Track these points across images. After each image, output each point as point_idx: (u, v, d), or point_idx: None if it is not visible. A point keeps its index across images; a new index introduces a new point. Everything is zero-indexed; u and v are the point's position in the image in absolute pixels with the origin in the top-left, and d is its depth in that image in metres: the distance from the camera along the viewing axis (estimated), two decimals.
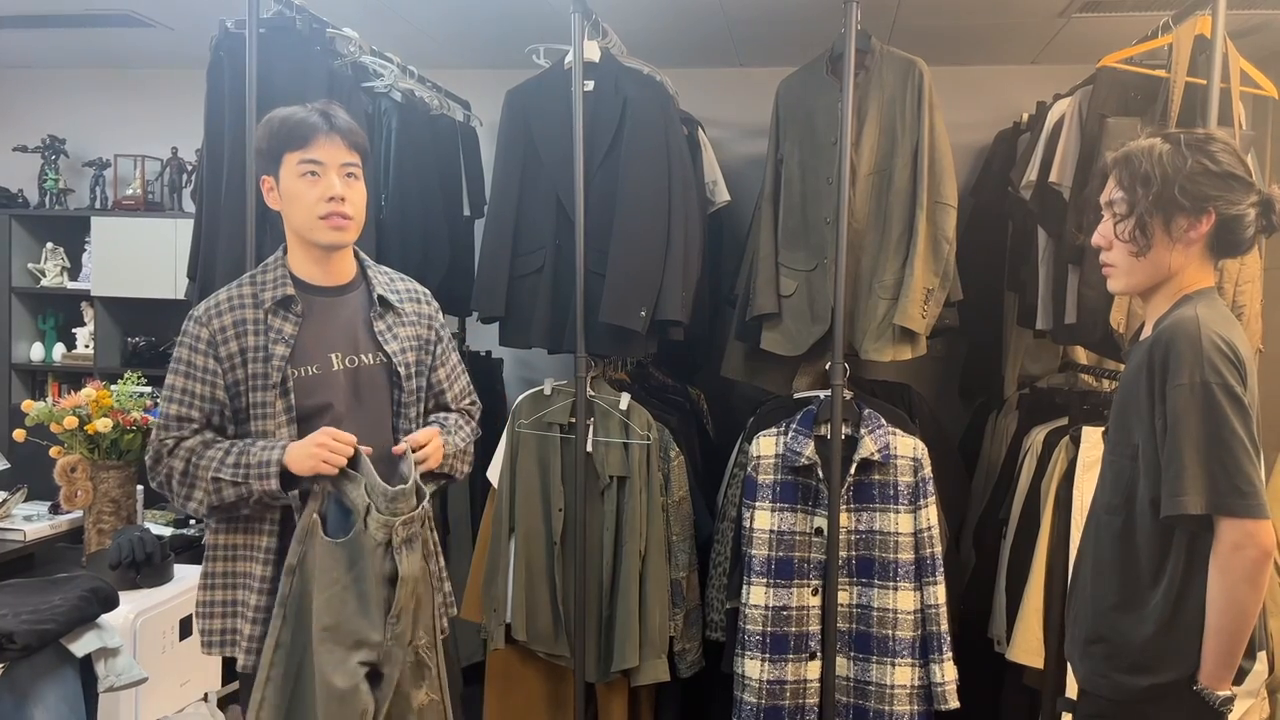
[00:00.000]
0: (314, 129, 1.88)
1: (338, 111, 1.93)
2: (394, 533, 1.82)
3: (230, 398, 1.90)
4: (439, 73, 3.64)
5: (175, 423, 1.89)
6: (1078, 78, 2.93)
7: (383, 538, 1.81)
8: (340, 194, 1.89)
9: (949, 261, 2.79)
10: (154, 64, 4.43)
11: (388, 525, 1.81)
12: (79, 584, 2.20)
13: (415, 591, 1.88)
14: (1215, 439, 1.60)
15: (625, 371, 3.22)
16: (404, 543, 1.83)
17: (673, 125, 2.98)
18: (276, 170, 1.90)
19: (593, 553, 2.90)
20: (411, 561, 1.85)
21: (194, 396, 1.89)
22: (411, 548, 1.85)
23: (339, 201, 1.88)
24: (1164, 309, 1.76)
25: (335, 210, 1.88)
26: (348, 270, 2.00)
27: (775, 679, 2.73)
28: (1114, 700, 1.75)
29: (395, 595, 1.82)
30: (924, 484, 2.72)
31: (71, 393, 2.87)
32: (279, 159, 1.89)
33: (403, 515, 1.83)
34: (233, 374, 1.89)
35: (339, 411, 1.91)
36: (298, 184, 1.88)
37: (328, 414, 1.90)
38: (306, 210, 1.89)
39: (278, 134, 1.88)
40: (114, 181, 4.51)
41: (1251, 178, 1.72)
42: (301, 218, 1.90)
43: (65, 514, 3.07)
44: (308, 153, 1.87)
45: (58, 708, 2.04)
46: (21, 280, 4.55)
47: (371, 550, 1.80)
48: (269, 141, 1.89)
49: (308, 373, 1.90)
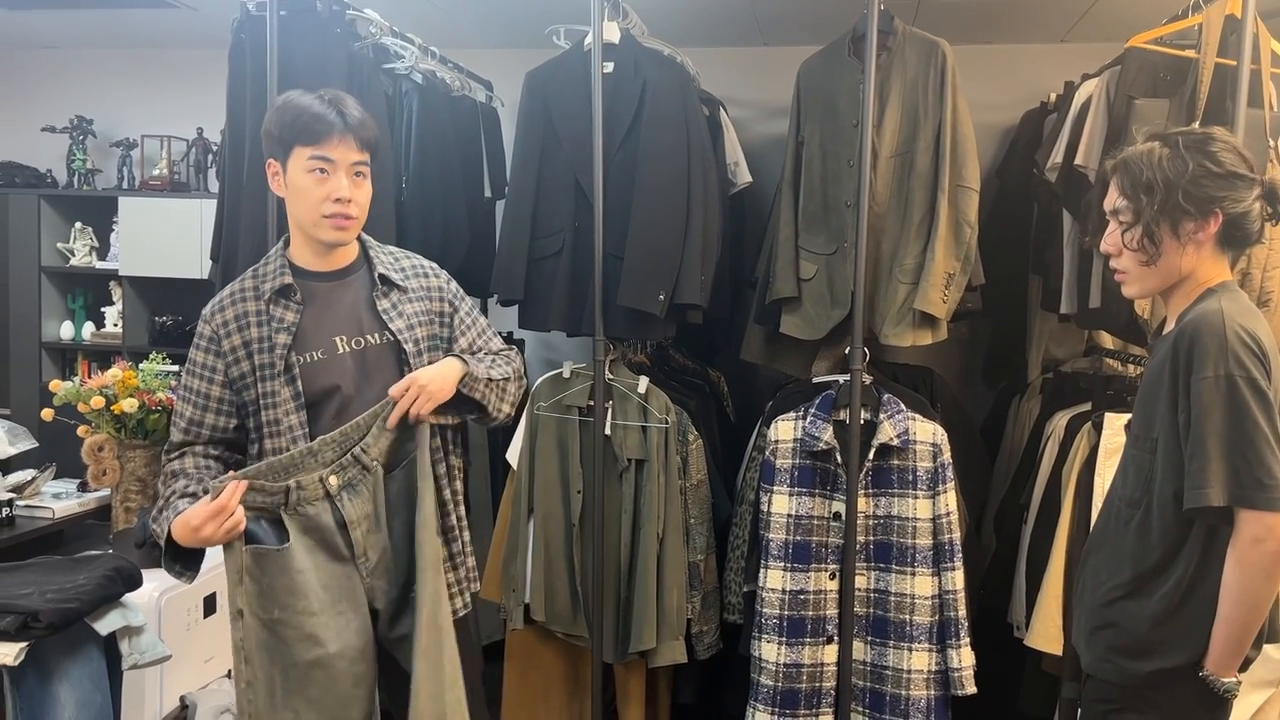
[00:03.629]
0: (329, 127, 1.87)
1: (351, 106, 1.92)
2: (326, 484, 1.85)
3: (238, 391, 1.92)
4: (461, 53, 3.64)
5: (181, 421, 1.95)
6: (1106, 57, 2.87)
7: (320, 493, 1.85)
8: (347, 195, 1.89)
9: (971, 246, 2.76)
10: (179, 45, 4.45)
11: (319, 480, 1.85)
12: (103, 563, 2.24)
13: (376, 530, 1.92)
14: (1238, 431, 1.60)
15: (645, 354, 3.21)
16: (343, 489, 1.87)
17: (693, 107, 2.96)
18: (285, 159, 1.90)
19: (611, 535, 2.91)
20: (357, 505, 1.89)
21: (195, 393, 1.94)
22: (354, 491, 1.89)
23: (345, 203, 1.89)
24: (1185, 305, 1.75)
25: (340, 211, 1.89)
26: (349, 254, 2.01)
27: (792, 662, 2.74)
28: (1120, 685, 1.76)
29: (352, 537, 1.88)
30: (943, 469, 2.71)
31: (100, 371, 2.91)
32: (289, 149, 1.88)
33: (330, 466, 1.86)
34: (238, 367, 1.91)
35: (347, 394, 1.93)
36: (305, 179, 1.88)
37: (336, 397, 1.92)
38: (312, 207, 1.89)
39: (291, 125, 1.87)
40: (141, 162, 4.55)
41: (1253, 171, 1.70)
42: (306, 213, 1.91)
43: (93, 492, 3.12)
44: (320, 150, 1.87)
45: (82, 685, 2.08)
46: (51, 260, 4.61)
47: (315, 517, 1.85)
48: (281, 129, 1.88)
49: (312, 358, 1.92)
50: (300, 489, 1.84)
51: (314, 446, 1.86)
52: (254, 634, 1.82)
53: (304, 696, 1.85)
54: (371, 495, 1.91)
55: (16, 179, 4.56)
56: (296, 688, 1.84)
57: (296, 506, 1.84)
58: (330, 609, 1.86)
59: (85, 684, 2.09)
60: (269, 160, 1.93)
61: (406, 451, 1.95)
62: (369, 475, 1.90)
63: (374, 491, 1.92)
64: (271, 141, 1.91)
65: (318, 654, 1.84)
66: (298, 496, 1.84)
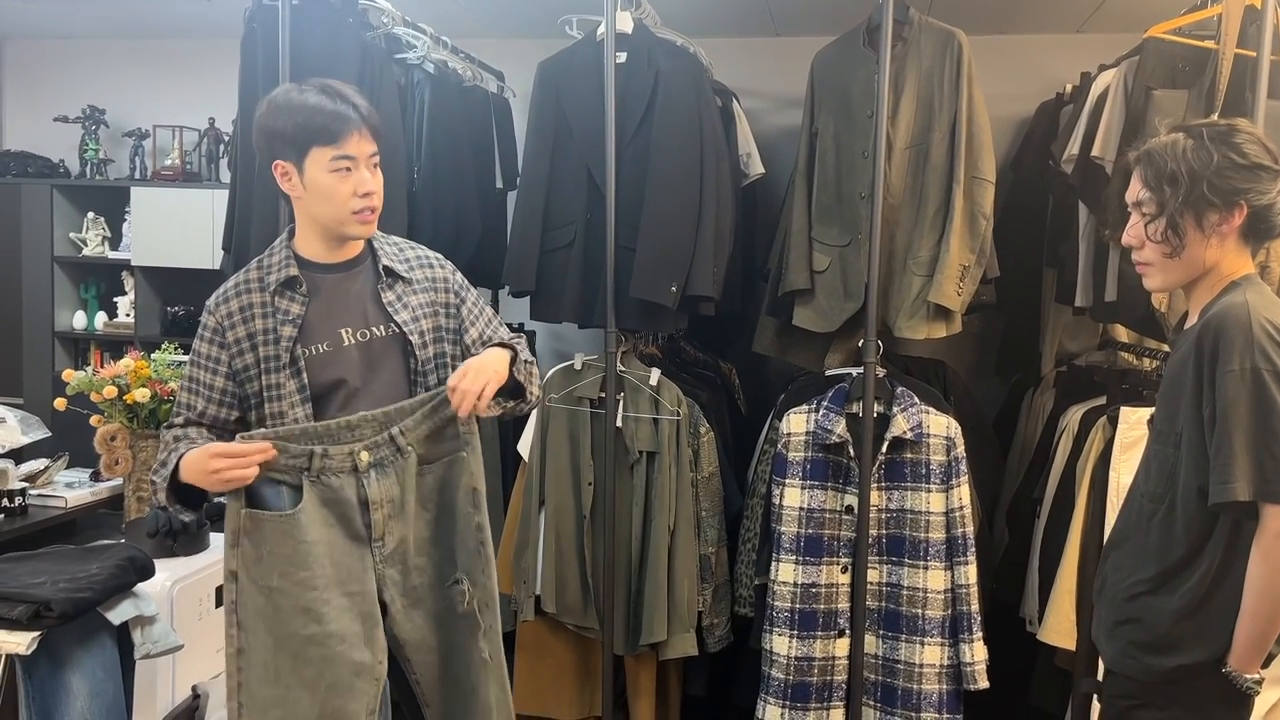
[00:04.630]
0: (347, 124, 1.84)
1: (354, 95, 1.89)
2: (356, 459, 1.84)
3: (241, 383, 1.90)
4: (473, 42, 3.62)
5: (183, 409, 1.93)
6: (1123, 48, 2.84)
7: (348, 466, 1.84)
8: (372, 188, 1.88)
9: (986, 238, 2.74)
10: (191, 35, 4.45)
11: (350, 453, 1.83)
12: (116, 553, 2.24)
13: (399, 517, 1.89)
14: (1264, 425, 1.58)
15: (656, 346, 3.20)
16: (371, 467, 1.85)
17: (705, 98, 2.94)
18: (300, 160, 1.86)
19: (622, 527, 2.90)
20: (384, 485, 1.87)
21: (198, 384, 1.92)
22: (383, 471, 1.87)
23: (371, 196, 1.89)
24: (1208, 298, 1.73)
25: (368, 205, 1.89)
26: (356, 245, 1.99)
27: (803, 655, 2.73)
28: (1141, 681, 1.75)
29: (371, 518, 1.86)
30: (957, 463, 2.69)
31: (113, 361, 2.91)
32: (304, 150, 1.85)
33: (365, 440, 1.85)
34: (242, 359, 1.90)
35: (353, 386, 1.92)
36: (329, 179, 1.85)
37: (341, 390, 1.91)
38: (340, 205, 1.87)
39: (306, 126, 1.83)
40: (153, 152, 4.55)
41: (1277, 163, 1.68)
42: (333, 212, 1.88)
43: (106, 481, 3.13)
44: (341, 149, 1.84)
45: (95, 674, 2.08)
46: (64, 249, 4.62)
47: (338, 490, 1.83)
48: (294, 131, 1.84)
49: (318, 351, 1.90)
50: (327, 457, 1.82)
51: (353, 421, 1.85)
52: (249, 599, 1.79)
53: (296, 674, 1.81)
54: (399, 479, 1.89)
55: (29, 169, 4.57)
56: (290, 663, 1.81)
57: (320, 474, 1.82)
58: (335, 587, 1.83)
59: (98, 673, 2.09)
60: (277, 162, 1.88)
61: (447, 449, 1.93)
62: (401, 459, 1.88)
63: (403, 476, 1.89)
64: (281, 143, 1.86)
65: (313, 630, 1.80)
66: (323, 464, 1.82)
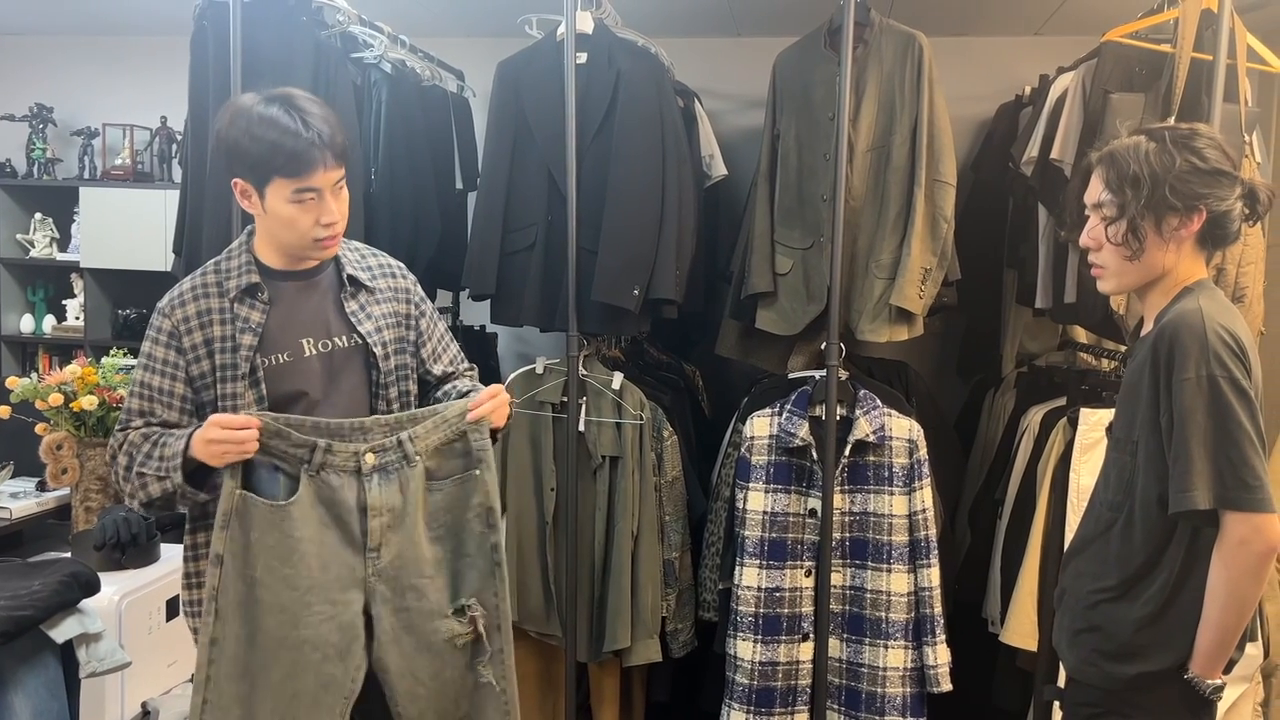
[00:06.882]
0: (312, 157, 1.75)
1: (319, 116, 1.79)
2: (361, 460, 1.79)
3: (197, 390, 1.84)
4: (432, 41, 3.57)
5: (136, 417, 1.84)
6: (1081, 51, 2.86)
7: (351, 466, 1.79)
8: (335, 218, 1.83)
9: (947, 241, 2.74)
10: (142, 31, 4.34)
11: (354, 454, 1.79)
12: (59, 568, 2.17)
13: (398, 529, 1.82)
14: (1221, 433, 1.58)
15: (619, 349, 3.18)
16: (375, 470, 1.80)
17: (667, 99, 2.92)
18: (261, 187, 1.79)
19: (584, 533, 2.87)
20: (386, 492, 1.81)
21: (152, 390, 1.84)
22: (387, 478, 1.81)
23: (334, 225, 1.83)
24: (1162, 304, 1.73)
25: (331, 234, 1.84)
26: None
27: (768, 660, 2.72)
28: (1104, 689, 1.75)
29: (368, 526, 1.79)
30: (919, 466, 2.69)
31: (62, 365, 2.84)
32: (266, 178, 1.77)
33: (373, 443, 1.80)
34: (198, 365, 1.84)
35: (313, 398, 1.87)
36: (289, 209, 1.79)
37: (301, 401, 1.86)
38: (301, 235, 1.82)
39: (269, 156, 1.75)
40: (103, 151, 4.44)
41: (1236, 170, 1.69)
42: (294, 240, 1.83)
43: (52, 491, 3.05)
44: (305, 182, 1.77)
45: (38, 694, 2.02)
46: (10, 251, 4.49)
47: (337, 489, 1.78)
48: (256, 158, 1.76)
49: (278, 361, 1.85)
50: (330, 453, 1.77)
51: (365, 423, 1.81)
52: (231, 585, 1.73)
53: (265, 675, 1.75)
54: (403, 489, 1.83)
55: None
56: (260, 661, 1.75)
57: (320, 469, 1.77)
58: (318, 591, 1.76)
59: (41, 692, 2.03)
60: (236, 180, 1.81)
61: (455, 466, 1.89)
62: (408, 467, 1.83)
63: (407, 486, 1.83)
64: (241, 165, 1.78)
65: (287, 633, 1.75)
66: (325, 460, 1.77)
